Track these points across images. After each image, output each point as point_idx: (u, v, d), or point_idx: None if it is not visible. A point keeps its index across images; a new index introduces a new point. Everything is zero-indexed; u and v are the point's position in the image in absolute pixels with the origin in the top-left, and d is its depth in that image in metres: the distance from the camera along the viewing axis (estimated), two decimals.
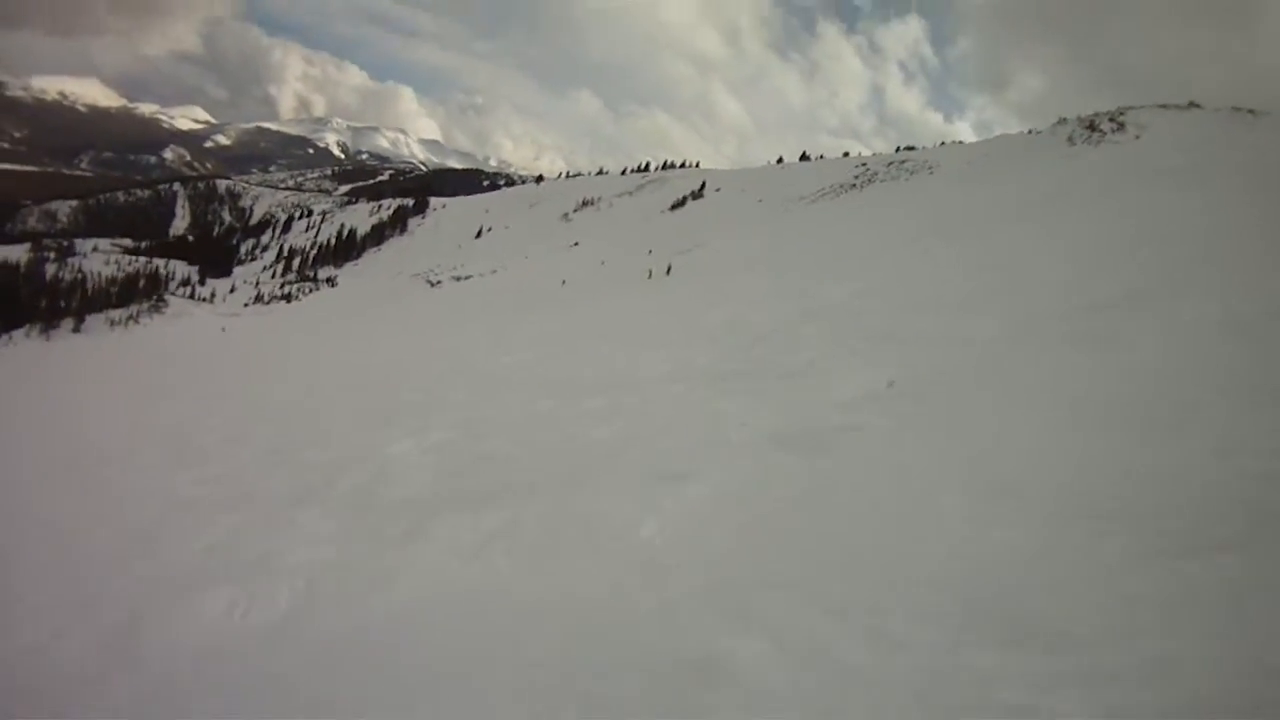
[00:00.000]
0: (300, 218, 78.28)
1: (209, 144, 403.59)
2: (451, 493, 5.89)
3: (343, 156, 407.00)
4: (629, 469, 5.77)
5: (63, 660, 4.03)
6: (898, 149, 49.81)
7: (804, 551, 4.00)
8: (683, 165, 68.13)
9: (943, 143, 52.73)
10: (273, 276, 52.41)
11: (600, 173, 75.38)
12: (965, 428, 5.51)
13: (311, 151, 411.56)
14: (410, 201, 71.78)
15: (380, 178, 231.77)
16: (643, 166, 68.39)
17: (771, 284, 18.01)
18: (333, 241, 62.14)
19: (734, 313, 14.49)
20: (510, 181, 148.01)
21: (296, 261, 57.79)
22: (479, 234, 55.28)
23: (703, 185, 50.04)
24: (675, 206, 47.53)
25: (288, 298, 42.80)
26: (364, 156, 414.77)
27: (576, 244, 42.04)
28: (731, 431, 6.46)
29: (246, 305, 39.61)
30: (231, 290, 45.08)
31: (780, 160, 58.82)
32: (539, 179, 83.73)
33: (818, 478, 5.09)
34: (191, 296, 40.05)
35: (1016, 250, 14.27)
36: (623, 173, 68.97)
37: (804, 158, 58.35)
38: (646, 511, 4.79)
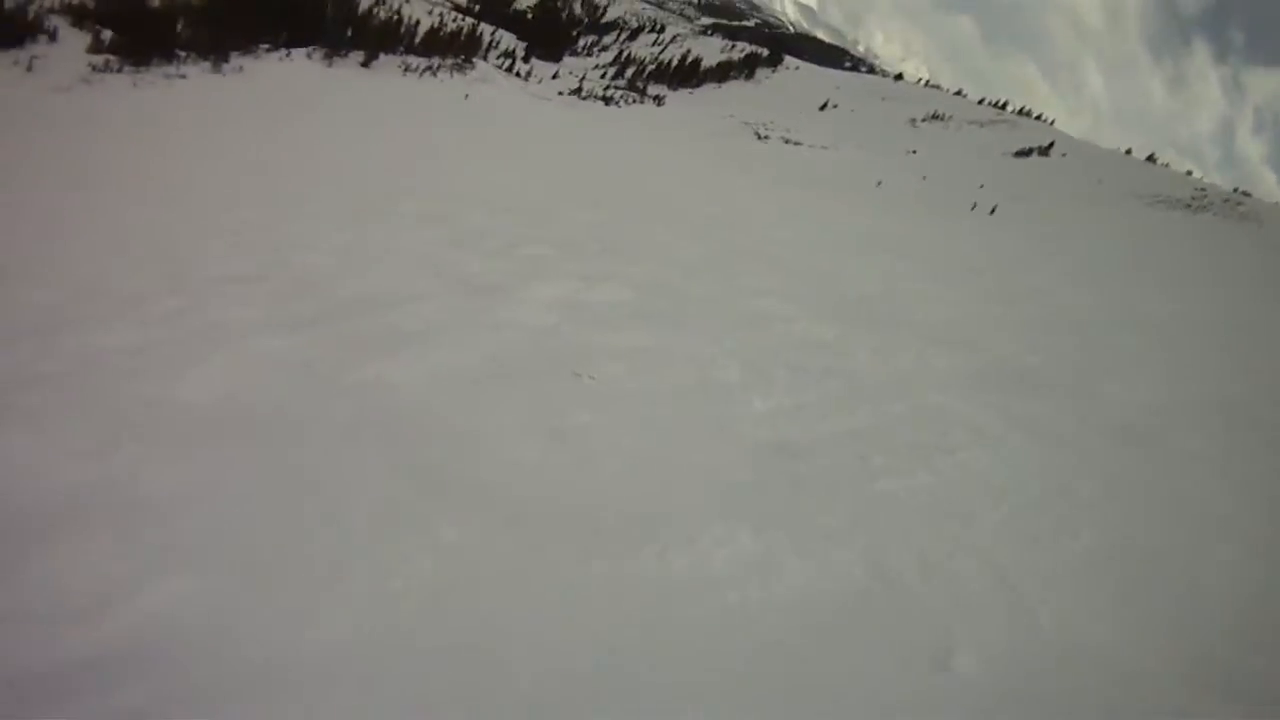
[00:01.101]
0: (649, 31, 76.16)
1: None
2: None
3: None
4: None
5: None
6: (1235, 190, 43.43)
7: None
8: (1038, 117, 61.81)
9: (1278, 203, 45.11)
10: (602, 77, 50.78)
11: (958, 93, 70.09)
12: None
13: None
14: (765, 51, 67.65)
15: (745, 23, 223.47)
16: (1000, 103, 62.80)
17: (1099, 293, 13.40)
18: (674, 63, 59.44)
19: (1052, 307, 10.48)
20: (871, 71, 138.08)
21: (630, 71, 55.61)
22: (823, 107, 51.75)
23: (1051, 144, 45.03)
24: (1019, 154, 43.21)
25: (607, 100, 40.99)
26: None
27: (914, 152, 39.22)
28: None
29: (560, 94, 37.93)
30: (554, 76, 43.69)
31: (1129, 152, 52.64)
32: (898, 76, 78.74)
33: None
34: (509, 69, 38.39)
35: None
36: (979, 101, 64.04)
37: (1150, 159, 52.18)
38: None
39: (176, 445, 3.58)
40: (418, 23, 35.58)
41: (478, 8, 65.36)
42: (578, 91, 41.79)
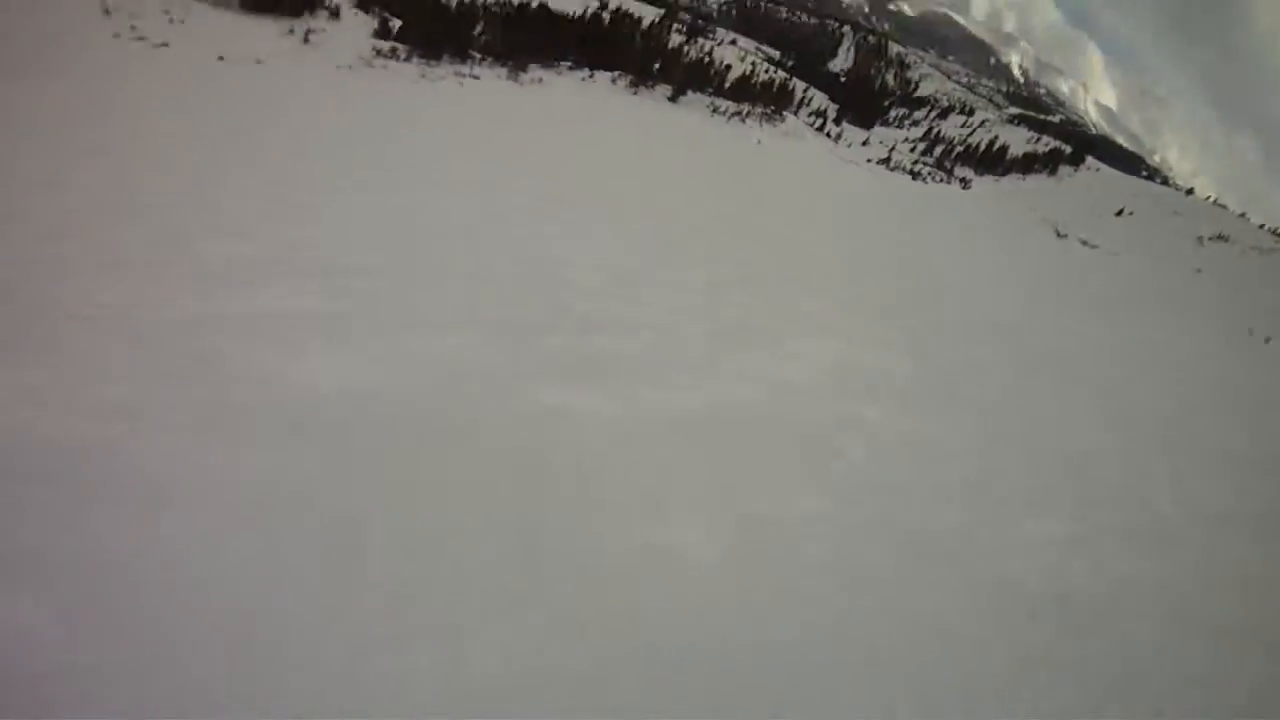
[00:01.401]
0: (959, 112, 74.27)
1: (892, 5, 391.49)
2: None
3: (1020, 80, 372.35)
4: None
5: None
6: None
7: None
8: None
9: None
10: (910, 150, 50.37)
11: (1241, 215, 65.01)
12: None
13: (992, 62, 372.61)
14: (1068, 149, 64.39)
15: (1050, 117, 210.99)
16: (1278, 231, 58.42)
17: None
18: (981, 147, 57.35)
19: None
20: (1165, 183, 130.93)
21: (939, 150, 54.16)
22: (1119, 213, 48.20)
23: None
24: None
25: (914, 175, 40.21)
26: (1041, 91, 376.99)
27: (1199, 271, 37.24)
28: None
29: (869, 161, 38.44)
30: (864, 143, 44.63)
31: None
32: (1189, 191, 74.33)
33: None
34: (820, 129, 38.10)
35: None
36: (1260, 226, 58.88)
37: None
38: None
39: (225, 433, 2.61)
40: (728, 67, 35.77)
41: (790, 63, 64.63)
42: (886, 161, 41.52)
